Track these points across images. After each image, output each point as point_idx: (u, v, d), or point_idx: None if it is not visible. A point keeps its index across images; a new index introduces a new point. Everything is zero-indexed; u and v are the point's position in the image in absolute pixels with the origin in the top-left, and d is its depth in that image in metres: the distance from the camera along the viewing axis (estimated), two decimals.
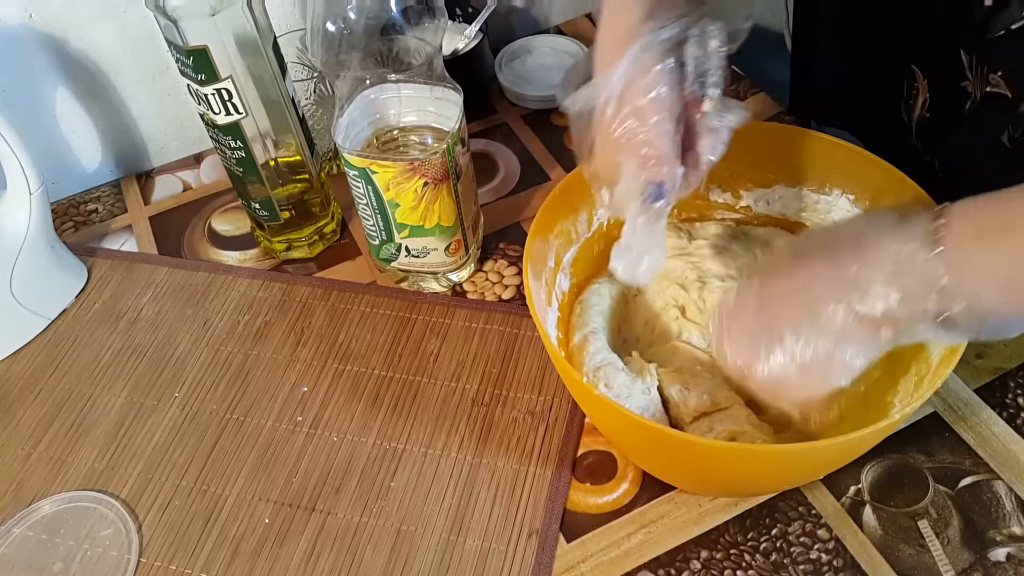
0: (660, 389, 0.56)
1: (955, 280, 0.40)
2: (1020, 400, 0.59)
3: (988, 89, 0.54)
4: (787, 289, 0.47)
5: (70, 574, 0.57)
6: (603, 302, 0.62)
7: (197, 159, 0.86)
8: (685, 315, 0.62)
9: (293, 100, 0.67)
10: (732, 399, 0.55)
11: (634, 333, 0.63)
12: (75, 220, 0.82)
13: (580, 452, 0.60)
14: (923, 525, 0.54)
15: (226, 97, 0.62)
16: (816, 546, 0.54)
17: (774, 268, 0.49)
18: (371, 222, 0.66)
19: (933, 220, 0.42)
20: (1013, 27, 0.52)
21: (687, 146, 0.48)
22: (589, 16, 0.95)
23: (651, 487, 0.57)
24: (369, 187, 0.63)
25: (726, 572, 0.53)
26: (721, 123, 0.48)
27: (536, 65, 0.89)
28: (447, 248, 0.67)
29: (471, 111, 0.68)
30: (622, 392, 0.55)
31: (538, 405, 0.62)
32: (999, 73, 0.53)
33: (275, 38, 0.64)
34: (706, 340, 0.60)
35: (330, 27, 0.64)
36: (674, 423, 0.56)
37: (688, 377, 0.56)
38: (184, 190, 0.83)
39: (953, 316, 0.41)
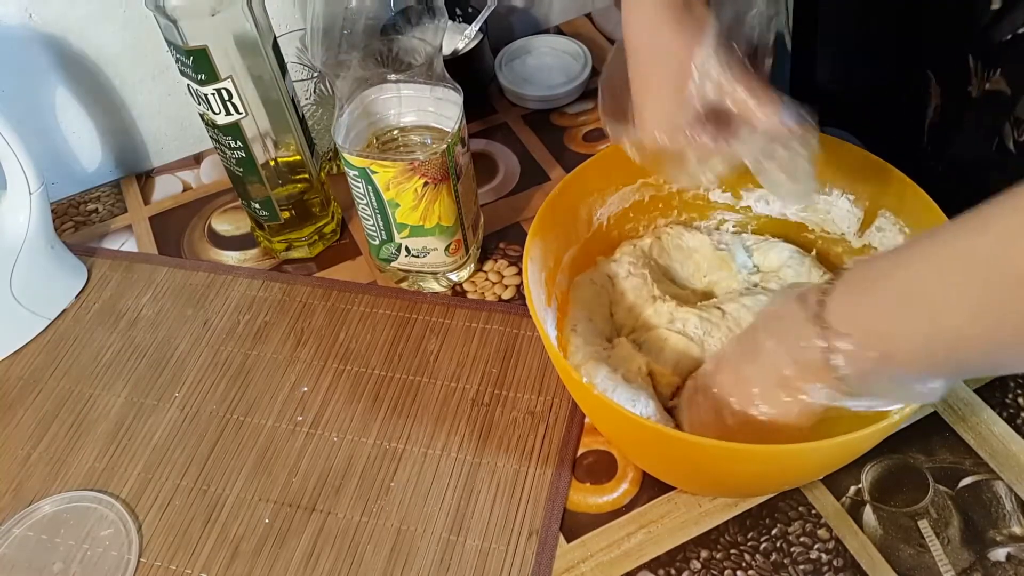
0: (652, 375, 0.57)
1: (843, 348, 0.41)
2: (1020, 400, 0.59)
3: (988, 87, 0.54)
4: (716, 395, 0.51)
5: (70, 574, 0.57)
6: (585, 291, 0.62)
7: (197, 159, 0.86)
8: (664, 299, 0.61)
9: (293, 100, 0.67)
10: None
11: (619, 320, 0.63)
12: (75, 220, 0.82)
13: (580, 452, 0.60)
14: (923, 525, 0.54)
15: (226, 97, 0.62)
16: (816, 546, 0.54)
17: (707, 384, 0.52)
18: (371, 222, 0.66)
19: (817, 295, 0.43)
20: (1020, 31, 0.52)
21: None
22: (589, 16, 0.95)
23: (651, 487, 0.57)
24: (369, 187, 0.63)
25: (726, 572, 0.53)
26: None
27: (536, 65, 0.89)
28: (447, 248, 0.67)
29: (471, 111, 0.68)
30: (607, 387, 0.55)
31: (538, 405, 0.62)
32: (999, 71, 0.53)
33: (275, 38, 0.64)
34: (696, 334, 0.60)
35: (330, 27, 0.64)
36: (661, 399, 0.57)
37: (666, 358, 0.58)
38: (184, 190, 0.83)
39: (855, 383, 0.42)
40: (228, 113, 0.63)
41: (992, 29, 0.53)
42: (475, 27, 0.81)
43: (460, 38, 0.81)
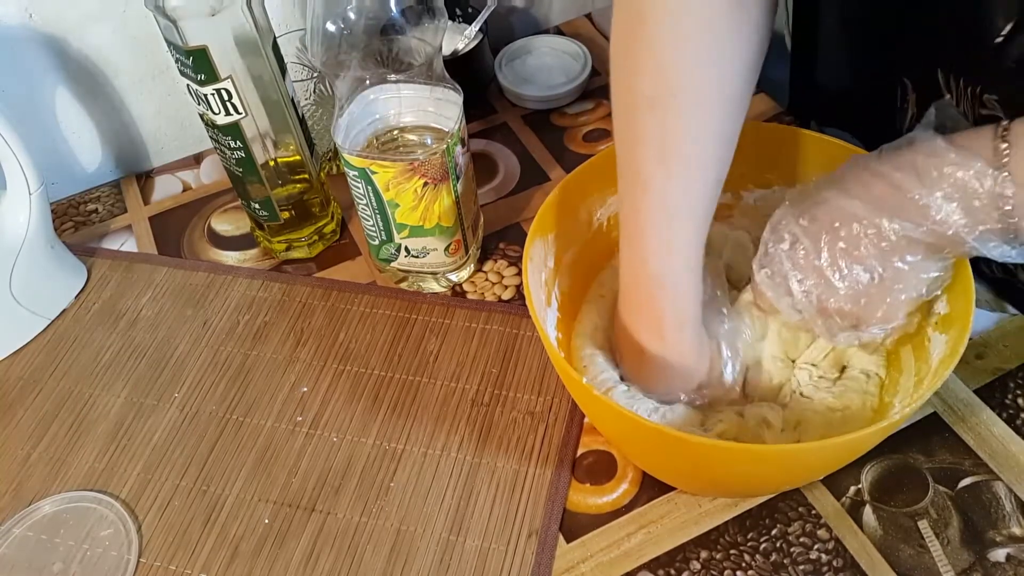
0: None
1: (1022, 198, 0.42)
2: (1020, 400, 0.59)
3: (983, 112, 0.54)
4: (841, 220, 0.48)
5: (70, 574, 0.57)
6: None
7: (197, 159, 0.86)
8: None
9: (293, 100, 0.67)
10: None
11: None
12: (75, 220, 0.82)
13: (580, 452, 0.60)
14: (923, 525, 0.54)
15: (226, 97, 0.62)
16: (816, 546, 0.54)
17: (819, 202, 0.50)
18: (371, 222, 0.66)
19: (997, 141, 0.43)
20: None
21: None
22: (589, 16, 0.95)
23: (651, 487, 0.57)
24: (369, 187, 0.63)
25: (726, 572, 0.53)
26: None
27: (536, 65, 0.89)
28: (447, 248, 0.67)
29: (471, 111, 0.68)
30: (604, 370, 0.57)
31: (538, 405, 0.62)
32: (995, 97, 0.53)
33: (275, 38, 0.64)
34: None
35: (330, 27, 0.64)
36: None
37: None
38: (184, 190, 0.83)
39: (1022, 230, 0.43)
40: (228, 113, 0.63)
41: (998, 54, 0.53)
42: (475, 27, 0.81)
43: (460, 38, 0.81)
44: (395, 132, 0.65)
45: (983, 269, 0.63)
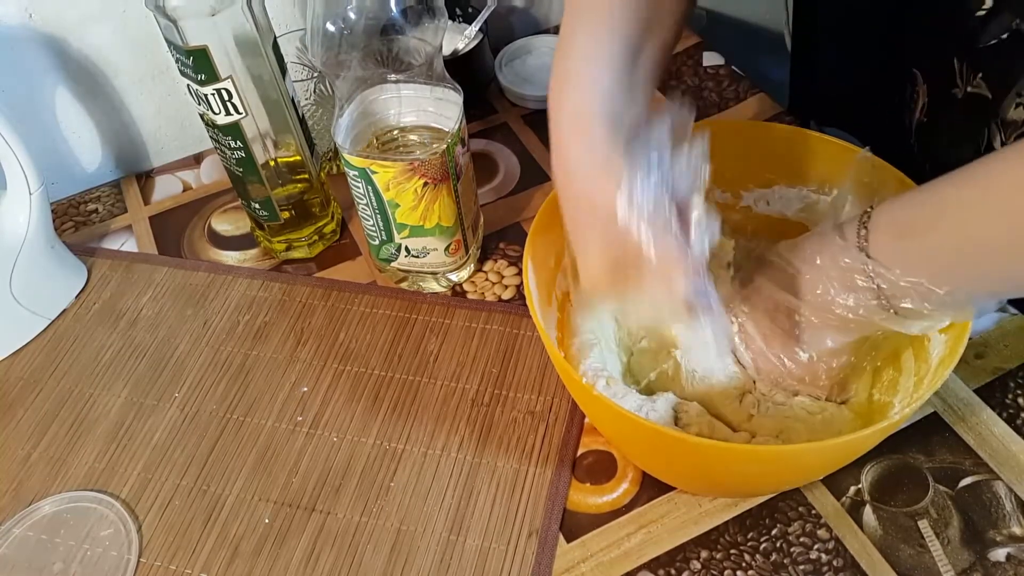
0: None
1: (888, 280, 0.46)
2: (1020, 400, 0.59)
3: (970, 90, 0.55)
4: (775, 306, 0.53)
5: (70, 574, 0.57)
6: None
7: (197, 159, 0.86)
8: None
9: (293, 100, 0.67)
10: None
11: None
12: (75, 220, 0.82)
13: (580, 452, 0.60)
14: (923, 525, 0.54)
15: (226, 97, 0.62)
16: (816, 546, 0.54)
17: (754, 290, 0.55)
18: (371, 222, 0.66)
19: (859, 228, 0.47)
20: (1004, 36, 0.52)
21: None
22: None
23: (651, 487, 0.57)
24: (369, 187, 0.63)
25: (726, 572, 0.53)
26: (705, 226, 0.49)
27: (536, 65, 0.89)
28: (447, 248, 0.67)
29: (471, 111, 0.68)
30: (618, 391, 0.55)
31: (538, 405, 0.62)
32: (980, 75, 0.54)
33: (275, 38, 0.64)
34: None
35: (330, 27, 0.64)
36: None
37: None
38: (184, 190, 0.83)
39: (902, 309, 0.46)
40: (228, 113, 0.63)
41: (978, 32, 0.53)
42: (475, 27, 0.81)
43: (460, 38, 0.81)
44: (395, 132, 0.65)
45: None
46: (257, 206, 0.71)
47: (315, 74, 0.76)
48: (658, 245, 0.45)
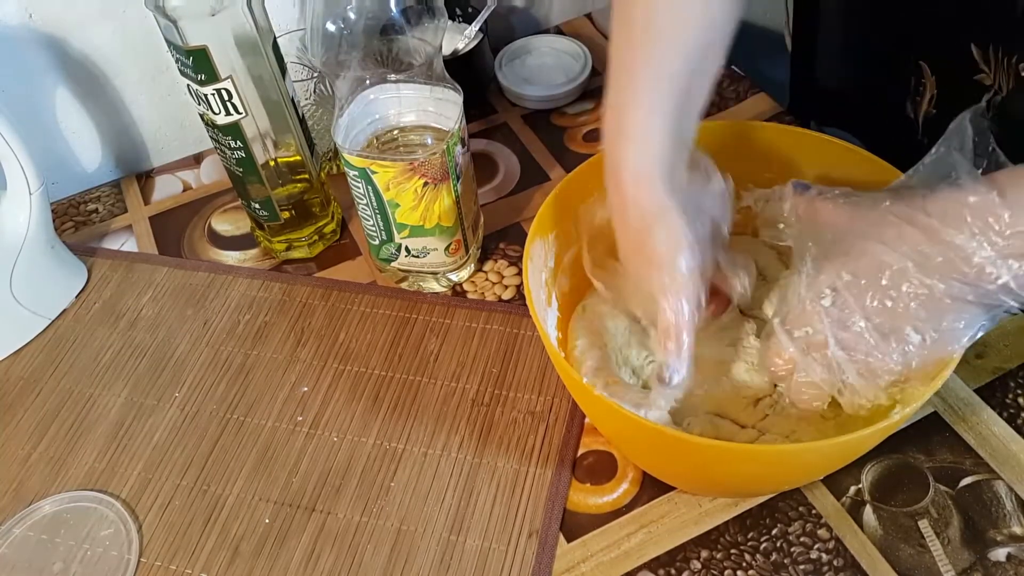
0: None
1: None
2: (1020, 400, 0.59)
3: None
4: (888, 277, 0.46)
5: (70, 574, 0.57)
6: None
7: (197, 159, 0.86)
8: None
9: (293, 100, 0.67)
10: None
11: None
12: (75, 220, 0.82)
13: (580, 452, 0.60)
14: (923, 525, 0.54)
15: (226, 97, 0.62)
16: (816, 546, 0.54)
17: (859, 255, 0.47)
18: (371, 222, 0.66)
19: (988, 193, 0.42)
20: None
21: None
22: (589, 16, 0.95)
23: (651, 487, 0.57)
24: (369, 187, 0.63)
25: (726, 572, 0.53)
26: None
27: (536, 65, 0.89)
28: (447, 248, 0.67)
29: (471, 111, 0.68)
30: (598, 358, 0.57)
31: (538, 405, 0.62)
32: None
33: (275, 38, 0.64)
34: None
35: (330, 27, 0.64)
36: None
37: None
38: (184, 190, 0.83)
39: None
40: (228, 113, 0.63)
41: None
42: (475, 27, 0.81)
43: (460, 38, 0.81)
44: (395, 132, 0.65)
45: None
46: (257, 206, 0.71)
47: (315, 74, 0.76)
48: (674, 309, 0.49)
